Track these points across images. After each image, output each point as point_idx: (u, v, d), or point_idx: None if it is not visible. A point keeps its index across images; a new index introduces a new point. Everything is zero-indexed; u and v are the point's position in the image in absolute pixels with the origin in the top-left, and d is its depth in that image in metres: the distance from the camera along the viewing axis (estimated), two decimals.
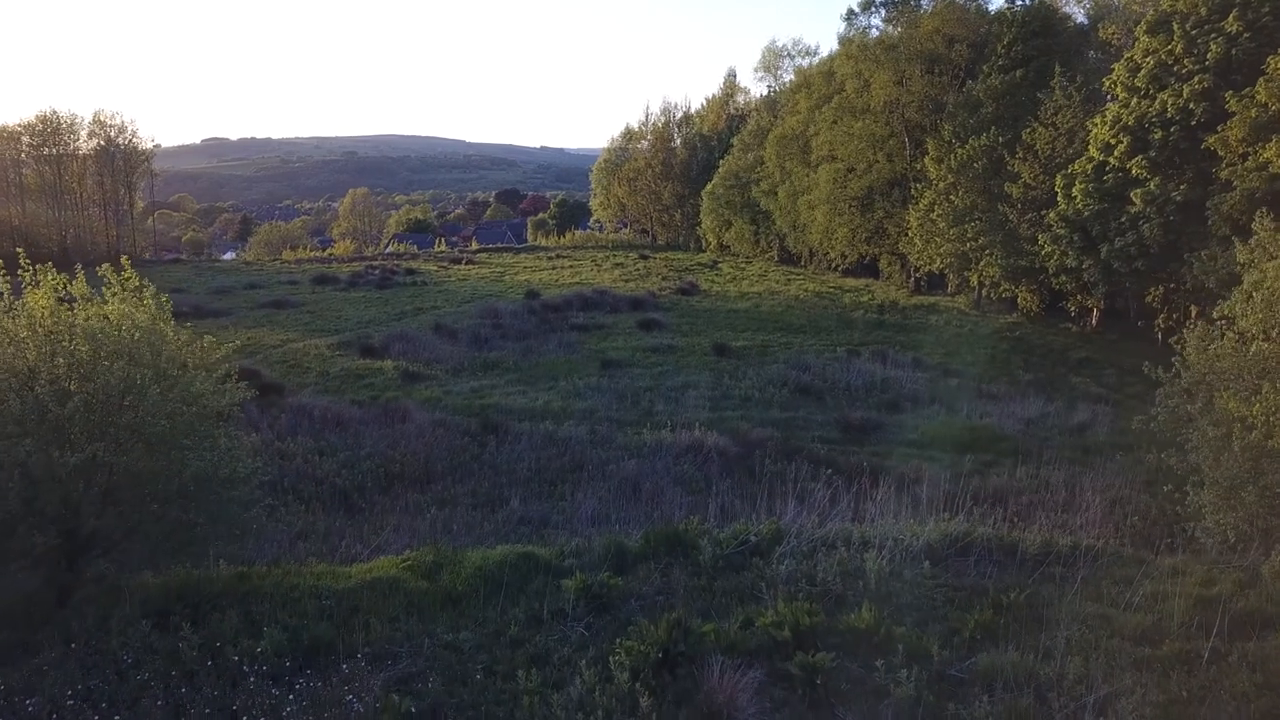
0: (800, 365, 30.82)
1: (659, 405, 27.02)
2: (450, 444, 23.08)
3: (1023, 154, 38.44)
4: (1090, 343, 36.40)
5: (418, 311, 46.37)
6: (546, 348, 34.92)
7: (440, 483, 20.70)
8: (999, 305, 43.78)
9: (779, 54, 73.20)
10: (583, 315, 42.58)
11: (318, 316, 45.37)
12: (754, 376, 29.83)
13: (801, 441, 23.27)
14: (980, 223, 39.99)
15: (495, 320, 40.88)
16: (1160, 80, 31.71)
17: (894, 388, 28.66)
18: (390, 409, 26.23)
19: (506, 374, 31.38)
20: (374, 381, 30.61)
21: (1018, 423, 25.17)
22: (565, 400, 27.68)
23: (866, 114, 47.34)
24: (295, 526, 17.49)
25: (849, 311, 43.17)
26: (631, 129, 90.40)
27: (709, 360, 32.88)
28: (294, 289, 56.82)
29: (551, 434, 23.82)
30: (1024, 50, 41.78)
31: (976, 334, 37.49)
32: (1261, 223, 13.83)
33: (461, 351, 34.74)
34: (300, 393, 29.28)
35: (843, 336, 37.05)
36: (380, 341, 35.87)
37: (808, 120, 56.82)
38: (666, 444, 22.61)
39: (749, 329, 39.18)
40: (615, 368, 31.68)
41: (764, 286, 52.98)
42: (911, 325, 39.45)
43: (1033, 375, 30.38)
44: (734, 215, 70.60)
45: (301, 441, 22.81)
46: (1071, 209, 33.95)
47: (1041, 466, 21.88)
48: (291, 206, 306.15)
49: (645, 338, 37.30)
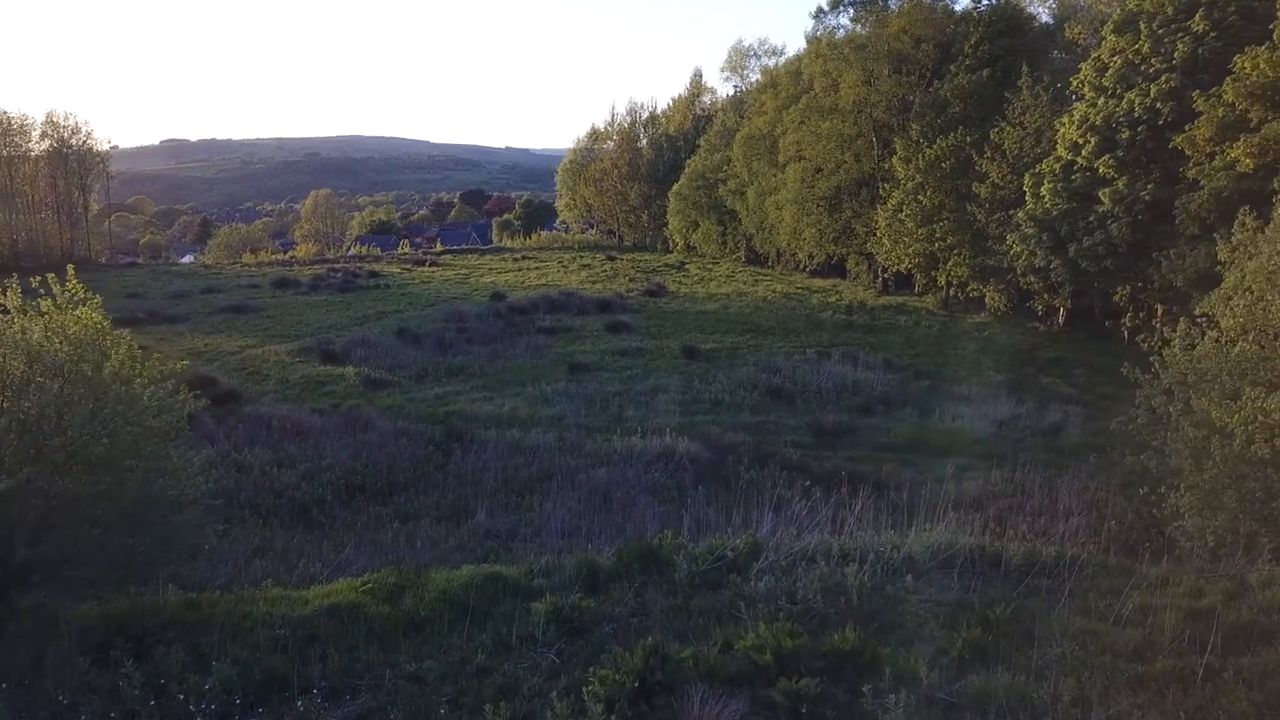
0: (770, 368, 30.51)
1: (629, 410, 26.59)
2: (414, 453, 22.50)
3: (991, 154, 38.46)
4: (1058, 342, 36.44)
5: (381, 315, 45.59)
6: (513, 352, 34.35)
7: (403, 494, 20.13)
8: (967, 305, 43.79)
9: (745, 54, 73.08)
10: (550, 318, 42.04)
11: (278, 321, 44.48)
12: (724, 379, 29.47)
13: (774, 446, 22.94)
14: (948, 222, 39.97)
15: (460, 324, 40.23)
16: (1127, 80, 31.78)
17: (865, 390, 28.42)
18: (352, 417, 25.57)
19: (472, 379, 30.79)
20: (335, 389, 29.90)
21: (990, 425, 25.01)
22: (533, 406, 27.16)
23: (834, 114, 47.19)
24: (251, 543, 16.84)
25: (817, 312, 42.96)
26: (597, 129, 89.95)
27: (678, 363, 32.49)
28: (254, 293, 55.78)
29: (519, 442, 23.30)
30: (990, 50, 41.82)
31: (946, 334, 37.40)
32: (1243, 222, 13.64)
33: (425, 357, 34.08)
34: (259, 401, 28.55)
35: (812, 338, 36.80)
36: (342, 347, 35.12)
37: (775, 120, 56.58)
38: (637, 451, 22.18)
39: (718, 331, 38.84)
40: (584, 372, 31.19)
41: (732, 287, 52.70)
42: (880, 326, 39.31)
43: (1003, 376, 30.28)
44: (701, 216, 70.31)
45: (259, 453, 22.14)
46: (1040, 208, 33.94)
47: (1017, 470, 21.69)
48: (253, 208, 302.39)
49: (614, 340, 36.83)
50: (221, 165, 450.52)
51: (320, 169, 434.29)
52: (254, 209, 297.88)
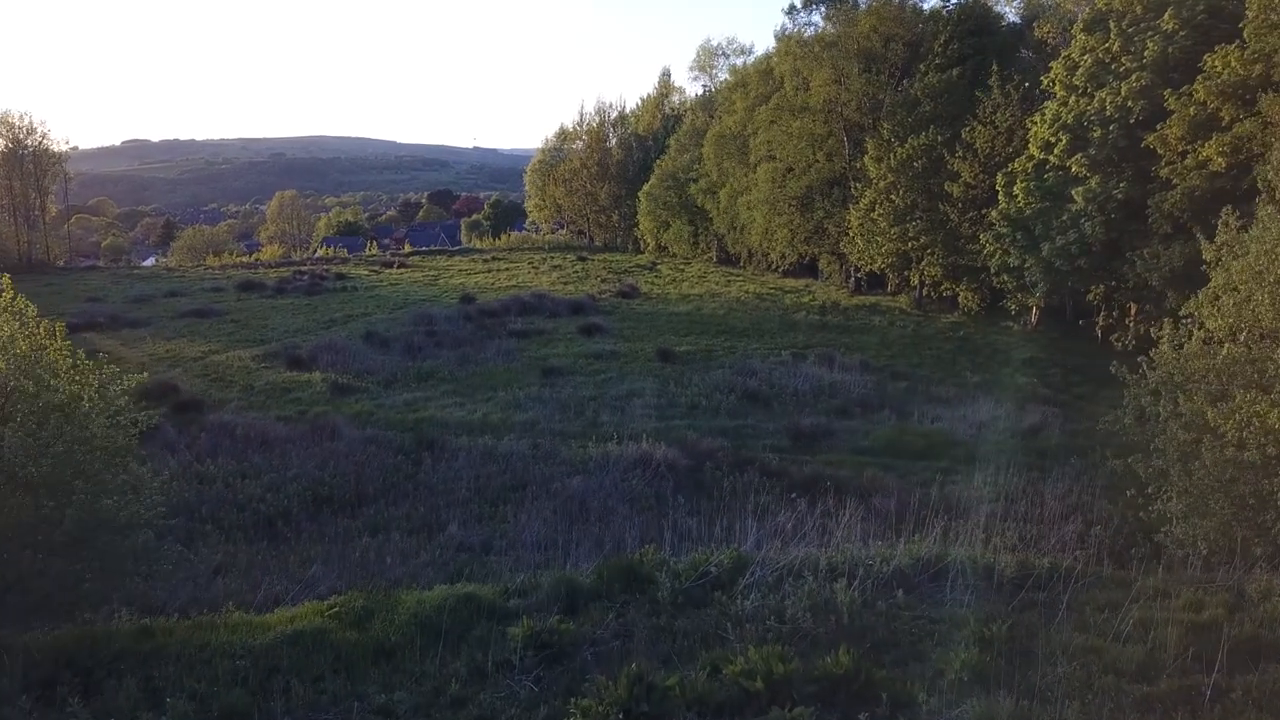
0: (746, 370, 30.14)
1: (604, 415, 26.11)
2: (383, 463, 21.90)
3: (962, 153, 38.38)
4: (1032, 342, 36.41)
5: (348, 319, 44.77)
6: (484, 356, 33.76)
7: (372, 506, 19.54)
8: (940, 305, 43.72)
9: (714, 53, 72.81)
10: (521, 321, 41.45)
11: (243, 326, 43.56)
12: (700, 383, 29.07)
13: (753, 451, 22.56)
14: (921, 222, 39.85)
15: (429, 327, 39.55)
16: (1098, 78, 31.73)
17: (842, 392, 28.13)
18: (319, 425, 24.89)
19: (442, 385, 30.17)
20: (301, 395, 29.19)
21: (969, 427, 24.79)
22: (505, 412, 26.62)
23: (805, 113, 46.94)
24: (214, 560, 16.23)
25: (791, 313, 42.69)
26: (566, 129, 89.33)
27: (653, 366, 32.06)
28: (218, 296, 54.71)
29: (491, 449, 22.77)
30: (960, 49, 41.77)
31: (920, 334, 37.24)
32: (1226, 221, 13.41)
33: (394, 361, 33.40)
34: (223, 409, 27.79)
35: (787, 339, 36.50)
36: (308, 352, 34.36)
37: (746, 120, 56.31)
38: (614, 457, 21.71)
39: (692, 332, 38.44)
40: (557, 376, 30.67)
41: (704, 288, 52.37)
42: (855, 326, 39.10)
43: (980, 376, 30.11)
44: (672, 216, 69.95)
45: (222, 463, 21.47)
46: (1013, 208, 33.86)
47: (1000, 474, 21.45)
48: (217, 209, 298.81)
49: (587, 343, 36.33)
50: (185, 166, 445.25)
51: (286, 170, 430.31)
52: (219, 210, 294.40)
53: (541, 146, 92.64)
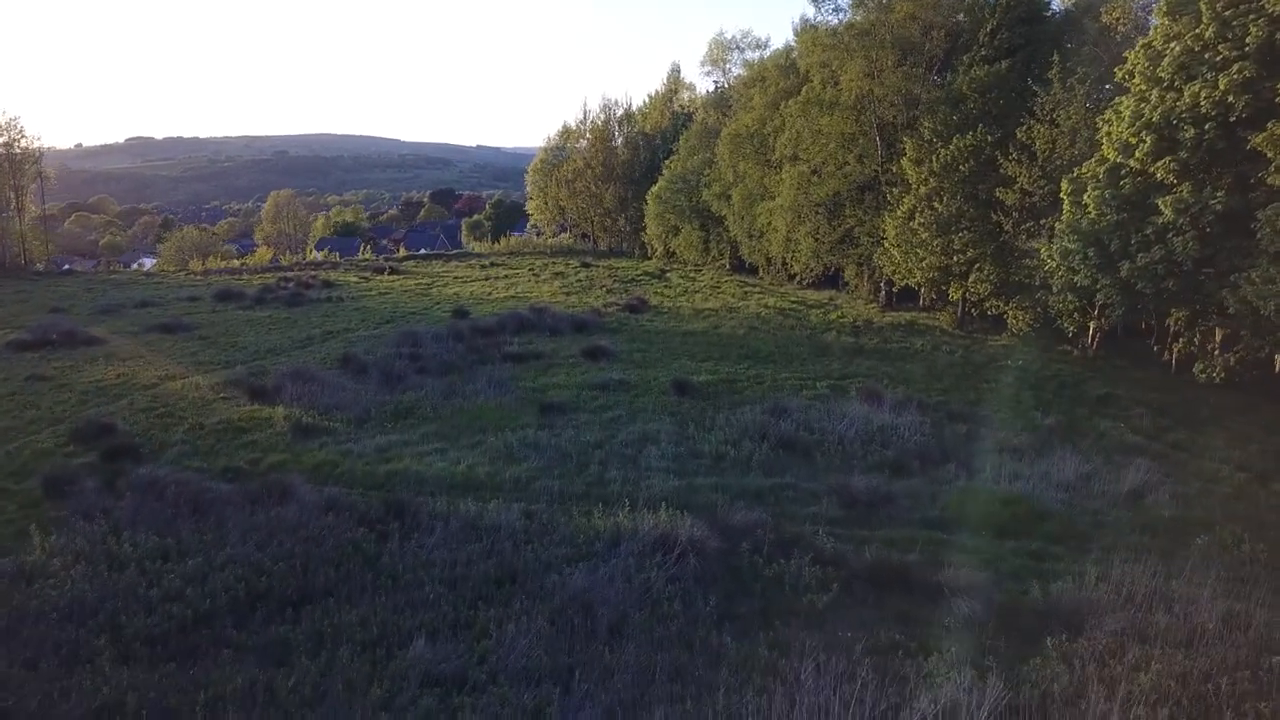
0: (778, 409, 25.71)
1: (612, 469, 21.75)
2: (340, 539, 17.51)
3: (1017, 155, 33.92)
4: (1099, 372, 31.89)
5: (327, 336, 40.45)
6: (474, 386, 29.38)
7: (321, 604, 15.19)
8: (984, 324, 39.29)
9: (727, 46, 68.33)
10: (518, 341, 37.08)
11: (210, 343, 39.27)
12: (725, 425, 24.69)
13: (798, 526, 18.18)
14: (968, 232, 35.39)
15: (414, 348, 35.18)
16: (1189, 69, 27.21)
17: (894, 439, 23.73)
18: (269, 484, 20.49)
19: (423, 424, 25.81)
20: (257, 438, 24.84)
21: (1056, 490, 20.39)
22: (494, 464, 22.26)
23: (835, 109, 42.47)
24: (94, 699, 12.03)
25: (819, 333, 38.26)
26: (569, 127, 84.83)
27: (668, 401, 27.69)
28: (192, 307, 50.49)
29: (475, 519, 18.41)
30: (1009, 38, 37.37)
31: (971, 362, 32.79)
32: None
33: (370, 393, 29.06)
34: (161, 456, 23.53)
35: (820, 367, 32.08)
36: (274, 380, 30.02)
37: (764, 118, 51.95)
38: (626, 535, 17.38)
39: (710, 357, 34.03)
40: (556, 414, 26.31)
41: (720, 301, 47.96)
42: (894, 351, 34.64)
43: (1052, 418, 25.65)
44: (682, 221, 65.51)
45: (142, 539, 17.16)
46: (1083, 219, 29.38)
47: (1107, 556, 17.07)
48: (219, 208, 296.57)
49: (592, 370, 31.97)
50: (188, 164, 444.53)
51: (289, 168, 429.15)
52: (220, 208, 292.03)
53: (543, 145, 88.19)
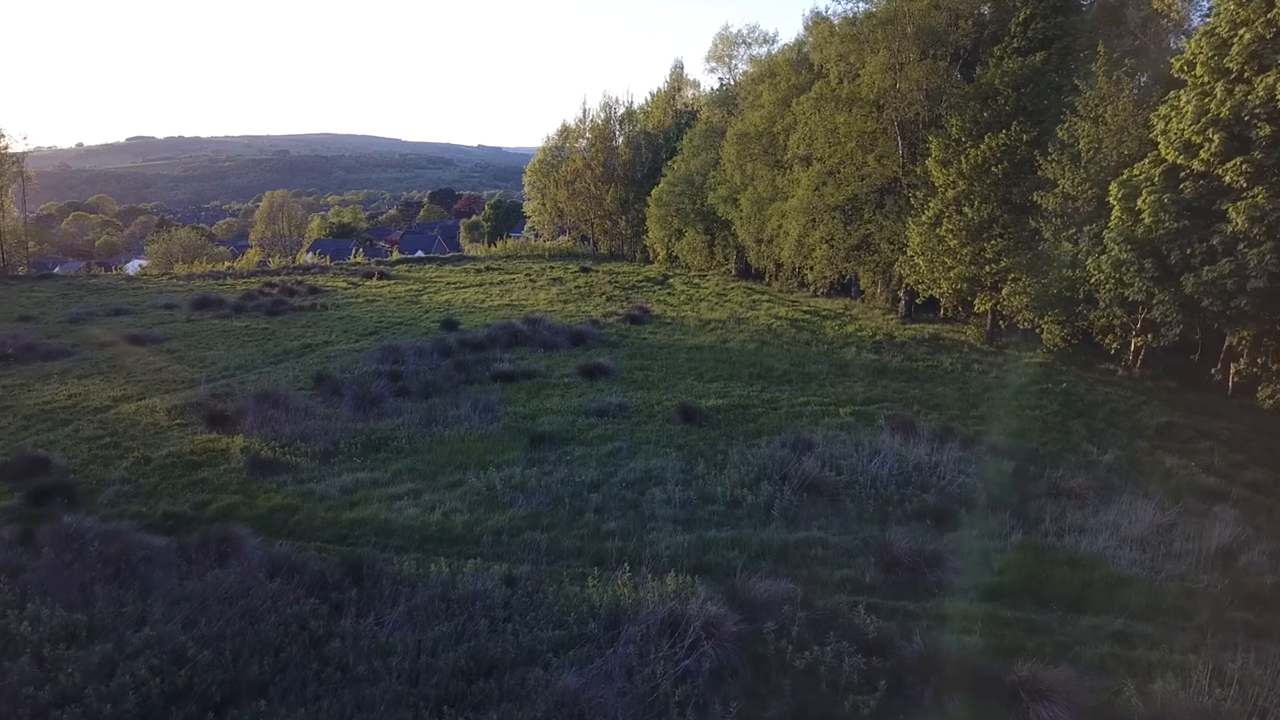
0: (799, 442, 22.67)
1: (610, 518, 18.76)
2: (284, 614, 14.54)
3: (1056, 155, 30.88)
4: (1151, 396, 28.84)
5: (304, 350, 37.47)
6: (457, 412, 26.37)
7: (249, 707, 12.23)
8: (1013, 338, 36.26)
9: (733, 41, 65.28)
10: (509, 357, 34.07)
11: (178, 358, 36.31)
12: (740, 462, 21.67)
13: (832, 597, 15.20)
14: (1002, 240, 32.36)
15: (395, 366, 32.20)
16: (1261, 58, 24.18)
17: (934, 480, 20.71)
18: (210, 537, 17.52)
19: (397, 459, 22.79)
20: (209, 475, 21.84)
21: (1129, 546, 17.36)
22: (474, 510, 19.27)
23: (854, 105, 39.44)
24: None
25: (838, 349, 35.21)
26: (568, 126, 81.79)
27: (674, 431, 24.66)
28: (167, 316, 47.52)
29: (448, 587, 15.43)
30: (1044, 29, 34.33)
31: (1007, 384, 29.77)
32: None
33: (342, 419, 26.09)
34: (97, 498, 20.57)
35: (841, 389, 29.04)
36: (238, 404, 27.04)
37: (774, 115, 48.95)
38: (626, 611, 14.41)
39: (719, 377, 31.03)
40: (549, 446, 23.30)
41: (727, 311, 44.92)
42: (922, 370, 31.59)
43: (1110, 453, 22.64)
44: (685, 224, 62.46)
45: (49, 613, 14.21)
46: (1137, 226, 26.37)
47: (1208, 640, 14.04)
48: (219, 207, 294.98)
49: (589, 393, 28.97)
50: (189, 163, 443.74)
51: (290, 167, 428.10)
52: (220, 208, 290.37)
53: (542, 145, 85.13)
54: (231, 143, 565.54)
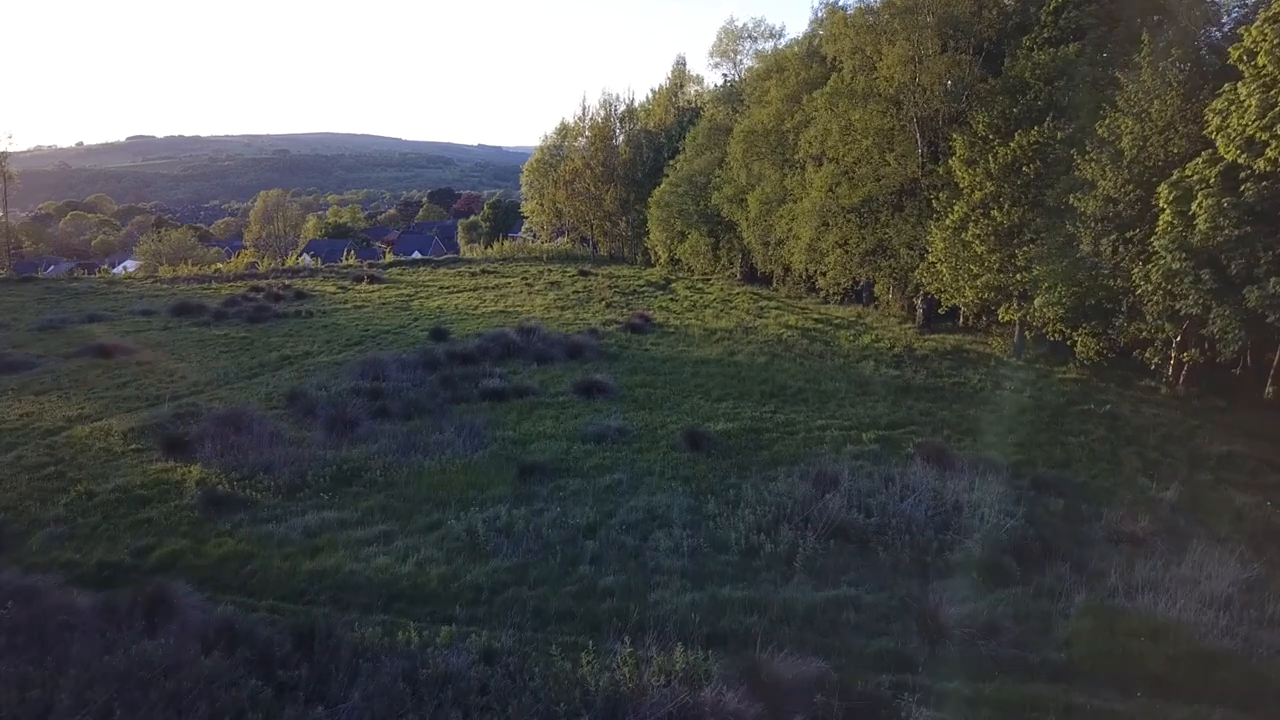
0: (820, 475, 20.17)
1: (608, 571, 16.30)
2: (218, 701, 12.19)
3: (1096, 153, 28.38)
4: (1202, 418, 26.29)
5: (282, 363, 35.01)
6: (441, 436, 23.86)
7: None
8: (1042, 351, 33.75)
9: (738, 35, 62.73)
10: (501, 371, 31.59)
11: (147, 371, 33.90)
12: (755, 500, 19.19)
13: (871, 679, 12.76)
14: (1034, 246, 29.84)
15: (376, 382, 29.73)
16: None
17: (976, 523, 18.20)
18: (146, 597, 15.12)
19: (370, 494, 20.33)
20: (156, 515, 19.39)
21: (1214, 609, 14.87)
22: (452, 560, 16.82)
23: (871, 100, 36.90)
24: None
25: (854, 363, 32.69)
26: (567, 124, 79.24)
27: (680, 460, 22.17)
28: (143, 324, 45.09)
29: (415, 663, 13.02)
30: (1077, 17, 31.85)
31: (1044, 404, 27.24)
32: None
33: (314, 444, 23.63)
34: (27, 541, 18.24)
35: (862, 410, 26.52)
36: (199, 427, 24.61)
37: (783, 112, 46.43)
38: (626, 700, 12.04)
39: (728, 394, 28.53)
40: (539, 479, 20.82)
41: (733, 319, 42.40)
42: (949, 388, 29.08)
43: (1170, 489, 20.15)
44: (688, 226, 59.92)
45: None
46: (1193, 233, 23.90)
47: None
48: (218, 207, 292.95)
49: (586, 414, 26.50)
50: (189, 162, 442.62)
51: (290, 167, 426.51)
52: (219, 207, 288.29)
53: (539, 144, 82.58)
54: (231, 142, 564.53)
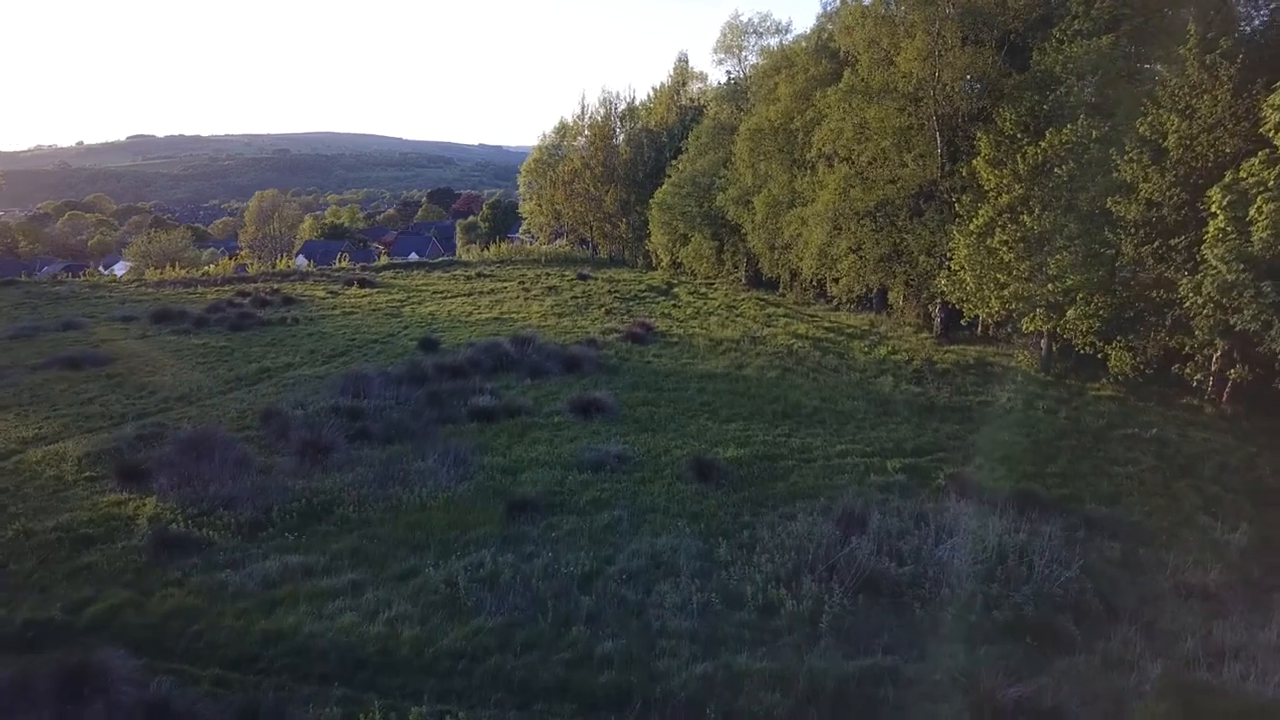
0: (845, 514, 18.01)
1: (605, 634, 14.12)
2: None
3: (1136, 153, 26.23)
4: (1255, 442, 24.09)
5: (260, 376, 32.88)
6: (423, 464, 21.65)
7: None
8: (1069, 363, 31.58)
9: (743, 31, 60.42)
10: (492, 386, 29.40)
11: (118, 384, 31.83)
12: (771, 544, 16.98)
13: None
14: (1068, 254, 27.65)
15: (358, 400, 27.56)
16: None
17: (1023, 569, 16.00)
18: (70, 669, 13.02)
19: (341, 534, 18.16)
20: (100, 560, 17.23)
21: None
22: (427, 618, 14.64)
23: (887, 97, 34.69)
24: None
25: (871, 378, 30.51)
26: (566, 123, 76.99)
27: (686, 493, 19.99)
28: (120, 331, 42.94)
29: None
30: (1112, 7, 29.67)
31: (1082, 427, 25.07)
32: None
33: (284, 471, 21.50)
34: None
35: (885, 434, 24.34)
36: (160, 454, 22.45)
37: (792, 110, 44.25)
38: None
39: (737, 414, 26.35)
40: (530, 517, 18.64)
41: (740, 328, 40.20)
42: (976, 408, 26.89)
43: (1238, 531, 18.00)
44: (691, 229, 57.71)
45: None
46: (1254, 242, 21.77)
47: None
48: (218, 206, 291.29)
49: (583, 436, 24.32)
50: (189, 162, 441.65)
51: (290, 166, 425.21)
52: (219, 207, 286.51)
53: (537, 144, 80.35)
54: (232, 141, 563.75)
